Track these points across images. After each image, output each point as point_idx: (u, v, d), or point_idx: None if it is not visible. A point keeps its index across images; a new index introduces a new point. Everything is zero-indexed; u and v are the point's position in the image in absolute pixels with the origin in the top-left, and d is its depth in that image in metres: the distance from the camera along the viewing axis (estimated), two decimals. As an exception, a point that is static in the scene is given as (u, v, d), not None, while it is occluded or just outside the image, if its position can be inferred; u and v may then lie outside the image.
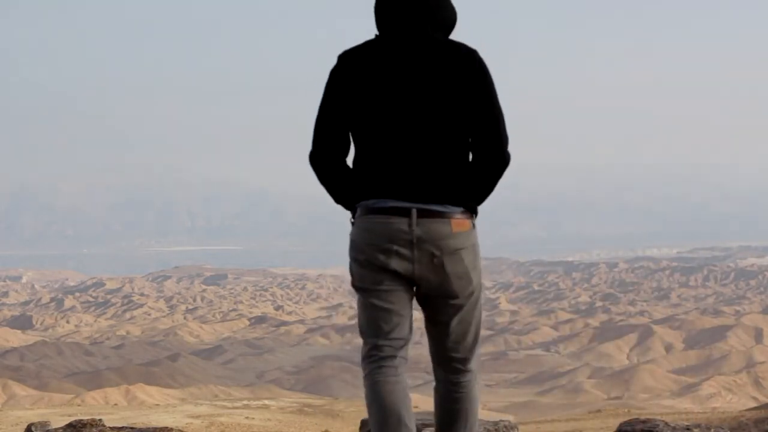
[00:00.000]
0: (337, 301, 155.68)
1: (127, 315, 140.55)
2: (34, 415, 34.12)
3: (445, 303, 3.41)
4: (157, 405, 48.12)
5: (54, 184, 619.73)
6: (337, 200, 3.50)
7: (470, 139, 3.38)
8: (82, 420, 6.68)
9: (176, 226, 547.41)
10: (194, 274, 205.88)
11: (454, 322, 3.44)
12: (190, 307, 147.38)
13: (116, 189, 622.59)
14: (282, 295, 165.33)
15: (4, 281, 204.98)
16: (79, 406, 48.32)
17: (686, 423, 5.80)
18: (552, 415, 54.08)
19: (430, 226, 3.31)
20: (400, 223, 3.30)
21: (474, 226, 3.49)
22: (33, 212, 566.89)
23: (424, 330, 3.60)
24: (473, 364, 3.53)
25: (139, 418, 33.63)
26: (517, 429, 6.24)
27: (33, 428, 6.99)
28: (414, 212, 3.30)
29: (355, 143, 3.42)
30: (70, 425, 6.61)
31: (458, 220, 3.37)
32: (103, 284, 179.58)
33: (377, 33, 3.41)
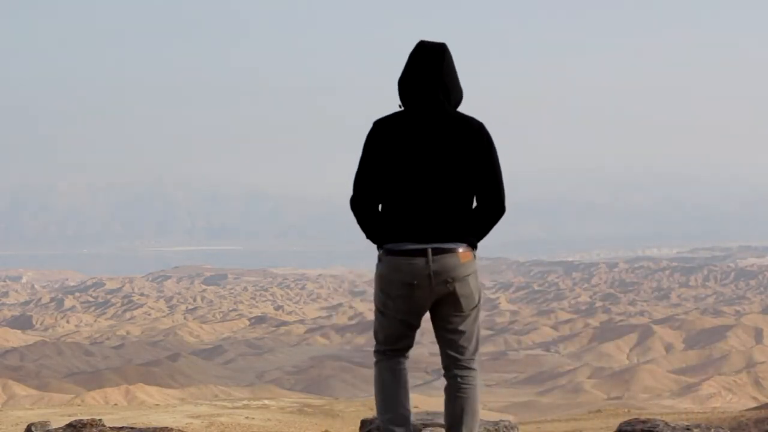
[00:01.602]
0: (337, 301, 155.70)
1: (127, 315, 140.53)
2: (34, 415, 34.12)
3: (454, 317, 4.45)
4: (157, 405, 48.12)
5: (54, 184, 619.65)
6: (369, 237, 4.49)
7: (475, 194, 4.42)
8: (82, 420, 6.68)
9: (176, 226, 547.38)
10: (194, 274, 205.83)
11: (461, 332, 4.47)
12: (190, 307, 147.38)
13: (116, 189, 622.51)
14: (282, 295, 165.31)
15: (4, 281, 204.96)
16: (79, 406, 48.32)
17: (686, 423, 5.80)
18: (552, 415, 54.11)
19: (443, 260, 4.33)
20: (420, 261, 4.31)
21: (475, 256, 4.50)
22: (33, 212, 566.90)
23: (423, 330, 4.49)
24: (476, 364, 4.53)
25: (139, 418, 33.63)
26: (517, 429, 6.25)
27: (33, 428, 6.99)
28: (429, 251, 4.31)
29: (384, 194, 4.39)
30: (70, 425, 6.61)
31: (463, 252, 4.39)
32: (103, 284, 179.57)
33: (400, 104, 4.45)
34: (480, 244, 4.56)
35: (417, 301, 4.38)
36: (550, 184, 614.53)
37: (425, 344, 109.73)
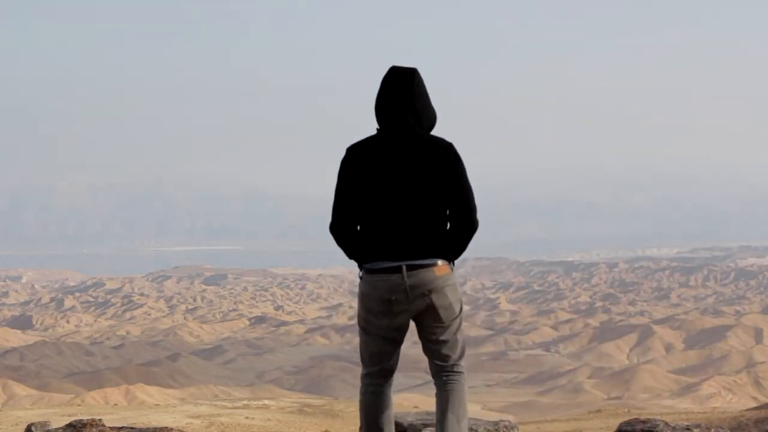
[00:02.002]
0: (337, 301, 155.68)
1: (127, 315, 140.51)
2: (34, 415, 34.11)
3: (436, 328, 4.64)
4: (157, 405, 48.12)
5: (54, 184, 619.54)
6: (350, 257, 4.68)
7: (447, 212, 4.57)
8: (82, 420, 6.68)
9: (176, 226, 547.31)
10: (194, 274, 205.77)
11: (444, 341, 4.65)
12: (190, 307, 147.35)
13: (116, 189, 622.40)
14: (282, 295, 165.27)
15: (4, 281, 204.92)
16: (79, 406, 48.31)
17: (686, 423, 5.80)
18: (552, 415, 54.09)
19: (419, 275, 4.52)
20: (396, 277, 4.50)
21: (452, 270, 4.66)
22: (33, 212, 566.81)
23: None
24: (462, 368, 4.72)
25: (139, 418, 33.63)
26: (517, 429, 6.25)
27: (33, 428, 6.99)
28: (404, 267, 4.50)
29: (360, 216, 4.58)
30: (70, 425, 6.61)
31: (439, 266, 4.58)
32: (103, 284, 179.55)
33: (377, 127, 4.62)
34: (480, 244, 4.75)
35: (397, 316, 4.58)
36: (550, 184, 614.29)
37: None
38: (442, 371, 4.69)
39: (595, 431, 30.26)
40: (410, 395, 71.38)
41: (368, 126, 4.86)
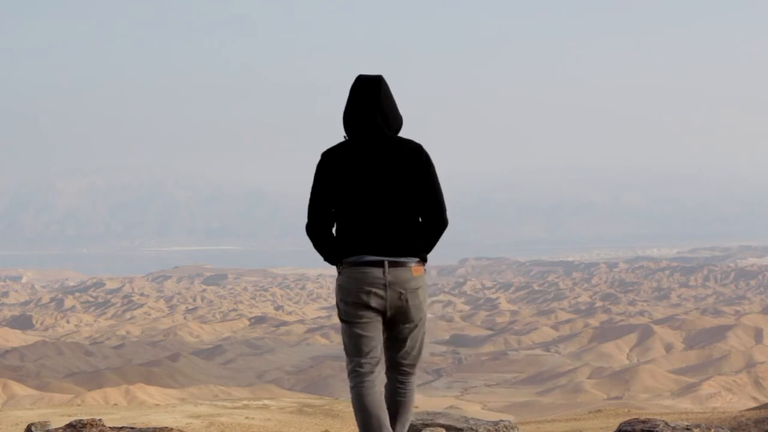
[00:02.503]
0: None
1: (127, 315, 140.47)
2: (34, 415, 34.10)
3: (404, 326, 4.89)
4: (157, 405, 48.09)
5: (54, 184, 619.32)
6: (326, 259, 4.91)
7: (419, 210, 4.85)
8: (82, 420, 6.68)
9: (176, 226, 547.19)
10: (194, 274, 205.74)
11: (409, 339, 4.93)
12: (190, 307, 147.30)
13: (116, 189, 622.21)
14: (282, 295, 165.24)
15: (4, 281, 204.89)
16: (79, 406, 48.27)
17: (686, 423, 5.80)
18: (552, 415, 54.07)
19: (397, 273, 4.79)
20: (377, 271, 4.77)
21: (425, 270, 4.93)
22: (33, 212, 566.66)
23: (424, 332, 4.94)
24: (416, 369, 5.03)
25: (139, 418, 33.61)
26: (517, 429, 6.26)
27: (33, 428, 6.99)
28: (386, 263, 4.77)
29: (337, 217, 4.85)
30: (70, 425, 6.61)
31: (415, 267, 4.84)
32: (103, 284, 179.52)
33: (345, 135, 4.91)
34: (479, 244, 4.81)
35: (374, 307, 4.82)
36: (550, 184, 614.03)
37: (426, 344, 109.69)
38: (399, 369, 4.99)
39: (595, 431, 30.23)
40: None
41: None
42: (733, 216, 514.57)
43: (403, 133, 5.07)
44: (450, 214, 4.99)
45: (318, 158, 4.96)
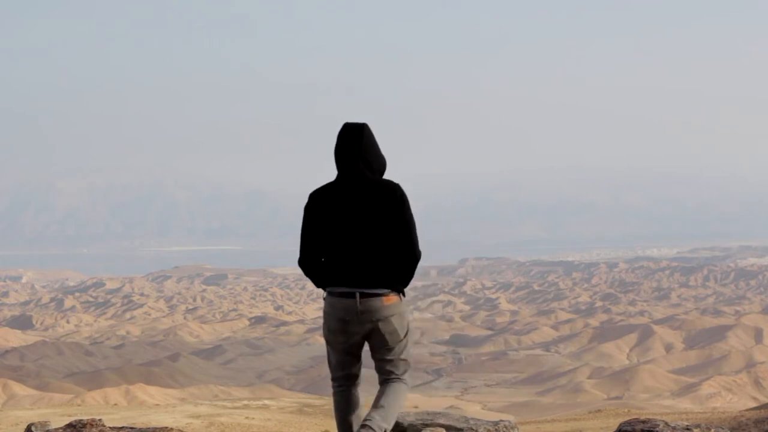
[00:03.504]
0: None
1: (127, 315, 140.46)
2: (34, 415, 34.11)
3: (382, 348, 5.44)
4: (157, 405, 48.09)
5: (54, 184, 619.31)
6: (317, 285, 5.52)
7: (393, 245, 5.34)
8: (82, 420, 6.68)
9: (176, 226, 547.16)
10: (194, 274, 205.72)
11: (389, 359, 5.45)
12: (190, 307, 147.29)
13: (116, 189, 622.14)
14: (282, 295, 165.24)
15: (4, 281, 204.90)
16: (79, 406, 48.27)
17: (686, 423, 5.80)
18: (552, 415, 54.07)
19: (368, 303, 5.32)
20: (350, 302, 5.33)
21: (401, 299, 5.42)
22: (33, 212, 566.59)
23: (424, 330, 4.59)
24: (405, 377, 5.51)
25: (139, 418, 33.62)
26: (517, 429, 6.26)
27: (33, 428, 6.99)
28: (357, 294, 5.32)
29: (323, 250, 5.44)
30: (70, 425, 6.61)
31: (388, 296, 5.34)
32: (103, 284, 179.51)
33: (337, 172, 5.47)
34: (480, 244, 4.85)
35: (351, 334, 5.40)
36: (550, 184, 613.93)
37: (426, 344, 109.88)
38: (387, 378, 5.52)
39: (595, 431, 30.24)
40: (410, 395, 71.28)
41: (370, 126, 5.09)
42: (733, 216, 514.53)
43: (403, 135, 5.31)
44: (450, 213, 5.22)
45: (316, 157, 5.24)
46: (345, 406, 5.53)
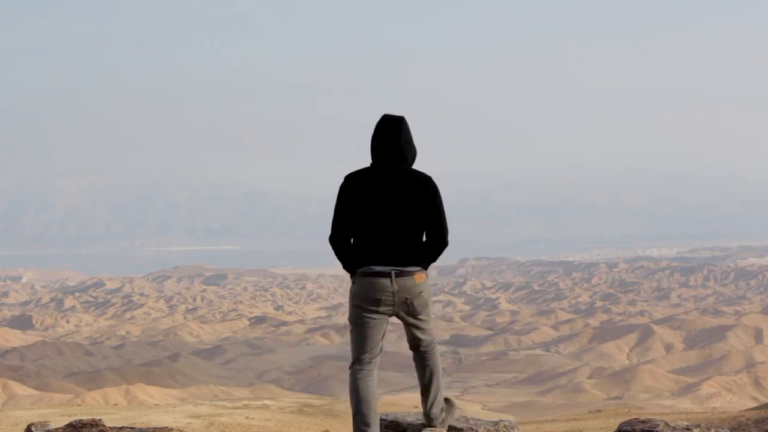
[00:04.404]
0: (337, 301, 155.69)
1: (127, 315, 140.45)
2: (34, 415, 34.14)
3: (414, 320, 5.82)
4: (157, 405, 48.11)
5: (54, 184, 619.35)
6: (345, 266, 5.81)
7: (425, 230, 5.75)
8: (82, 420, 6.68)
9: (176, 226, 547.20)
10: (194, 274, 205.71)
11: (420, 326, 5.84)
12: (190, 307, 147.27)
13: (116, 189, 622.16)
14: (282, 295, 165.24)
15: (4, 281, 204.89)
16: (79, 406, 48.28)
17: (686, 423, 5.80)
18: (552, 415, 54.08)
19: (402, 281, 5.69)
20: (385, 281, 5.68)
21: (427, 275, 5.81)
22: (33, 212, 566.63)
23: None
24: (434, 342, 5.96)
25: (139, 418, 33.63)
26: (517, 429, 6.27)
27: (33, 428, 6.99)
28: (393, 273, 5.68)
29: (354, 232, 5.76)
30: (70, 425, 6.61)
31: (418, 274, 5.72)
32: (103, 284, 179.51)
33: (371, 161, 5.83)
34: (480, 244, 4.96)
35: (384, 312, 5.73)
36: (550, 184, 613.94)
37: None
38: (418, 348, 5.92)
39: (595, 431, 30.26)
40: (410, 395, 71.36)
41: (367, 127, 5.49)
42: (733, 216, 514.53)
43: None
44: (450, 214, 5.64)
45: (317, 157, 5.33)
46: (363, 385, 5.75)
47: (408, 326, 5.87)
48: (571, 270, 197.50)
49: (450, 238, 5.82)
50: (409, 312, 5.77)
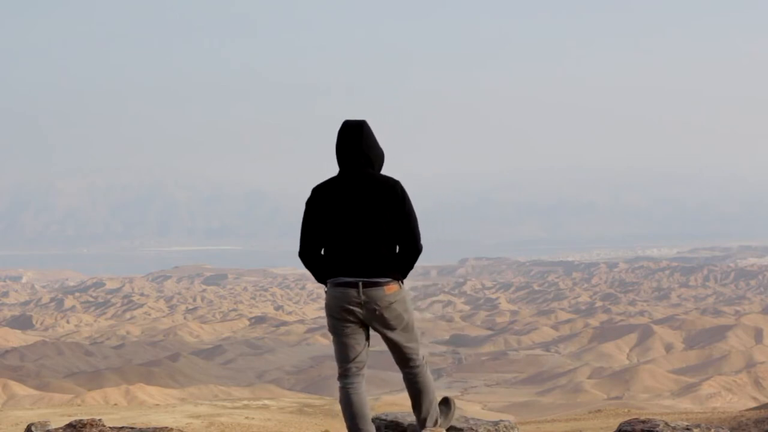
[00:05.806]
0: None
1: (127, 315, 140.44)
2: (34, 415, 34.13)
3: (391, 333, 5.62)
4: (157, 405, 48.09)
5: (54, 184, 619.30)
6: (317, 278, 5.68)
7: (395, 239, 5.56)
8: (82, 420, 6.67)
9: (176, 226, 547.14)
10: (194, 274, 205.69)
11: (398, 341, 5.65)
12: (190, 307, 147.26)
13: (116, 189, 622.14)
14: (282, 295, 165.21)
15: (4, 281, 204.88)
16: (79, 406, 48.26)
17: (686, 423, 5.79)
18: (552, 415, 54.07)
19: (370, 292, 5.50)
20: (353, 291, 5.50)
21: (401, 287, 5.61)
22: (33, 212, 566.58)
23: (424, 330, 4.54)
24: (420, 360, 5.74)
25: (139, 418, 33.63)
26: (517, 429, 6.26)
27: (33, 428, 6.98)
28: (360, 284, 5.50)
29: (324, 242, 5.61)
30: (70, 425, 6.61)
31: (389, 285, 5.53)
32: (103, 284, 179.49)
33: (339, 169, 5.65)
34: (479, 244, 4.87)
35: (355, 322, 5.57)
36: (550, 184, 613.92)
37: (426, 345, 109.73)
38: (404, 366, 5.74)
39: (595, 431, 30.24)
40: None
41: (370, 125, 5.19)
42: (733, 216, 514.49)
43: (404, 135, 5.41)
44: (450, 213, 5.29)
45: (316, 157, 5.28)
46: (355, 399, 5.57)
47: (387, 341, 5.68)
48: (571, 270, 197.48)
49: (450, 238, 5.55)
50: (382, 324, 5.56)
